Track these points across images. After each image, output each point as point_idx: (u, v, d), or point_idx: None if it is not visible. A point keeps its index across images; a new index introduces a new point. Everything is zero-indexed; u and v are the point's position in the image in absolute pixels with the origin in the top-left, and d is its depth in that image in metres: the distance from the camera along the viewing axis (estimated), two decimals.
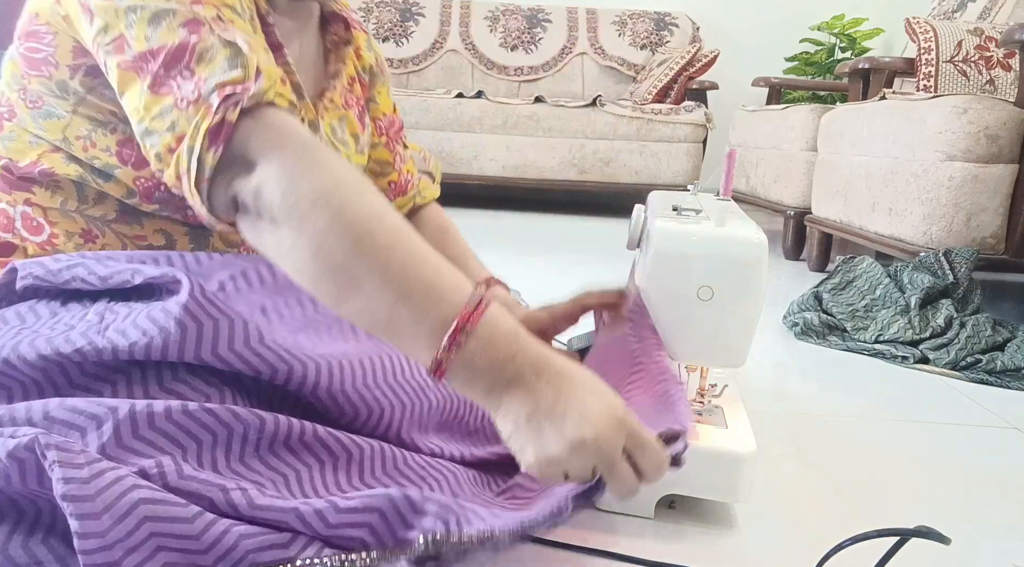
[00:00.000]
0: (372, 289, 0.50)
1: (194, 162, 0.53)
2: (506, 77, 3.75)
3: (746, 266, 0.74)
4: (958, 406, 1.17)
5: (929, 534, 0.57)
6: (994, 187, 1.60)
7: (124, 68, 0.56)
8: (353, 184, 0.52)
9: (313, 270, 0.51)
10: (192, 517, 0.47)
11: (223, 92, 0.53)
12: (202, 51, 0.55)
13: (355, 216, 0.50)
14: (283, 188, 0.51)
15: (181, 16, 0.56)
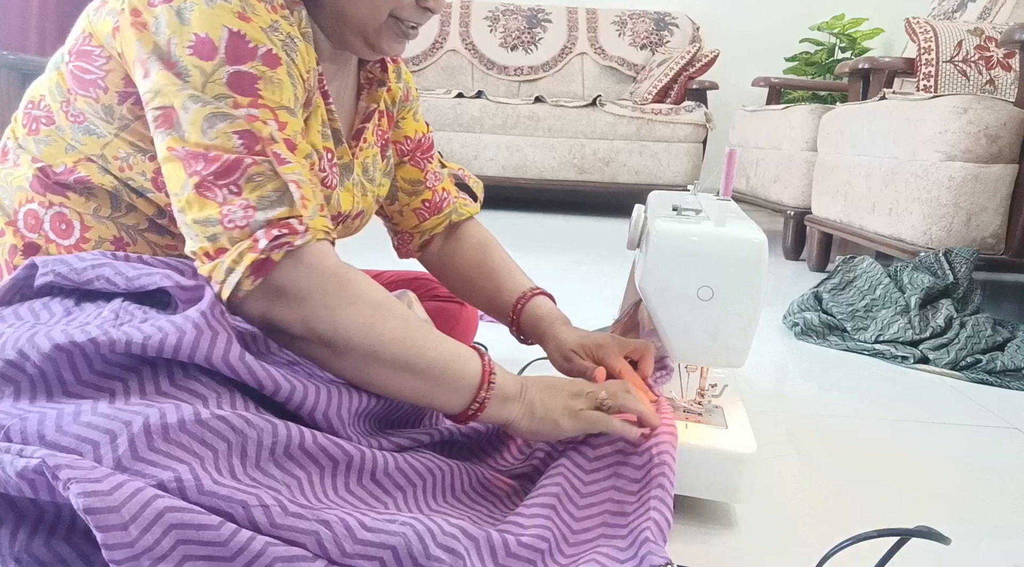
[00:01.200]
0: (410, 382, 0.66)
1: (232, 281, 0.60)
2: (506, 77, 3.75)
3: (746, 266, 0.74)
4: (958, 406, 1.17)
5: (929, 534, 0.57)
6: (994, 187, 1.60)
7: (173, 151, 0.60)
8: (381, 310, 0.65)
9: (358, 373, 0.66)
10: (218, 524, 0.48)
11: (271, 232, 0.60)
12: (253, 174, 0.60)
13: (391, 338, 0.64)
14: (329, 324, 0.62)
15: (238, 125, 0.60)
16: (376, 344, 0.64)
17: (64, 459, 0.46)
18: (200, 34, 0.61)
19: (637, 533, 0.64)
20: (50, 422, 0.51)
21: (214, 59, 0.61)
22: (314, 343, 0.63)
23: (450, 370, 0.67)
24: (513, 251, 1.02)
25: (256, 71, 0.62)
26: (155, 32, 0.61)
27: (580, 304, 0.95)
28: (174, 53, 0.60)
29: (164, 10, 0.61)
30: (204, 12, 0.61)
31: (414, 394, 0.67)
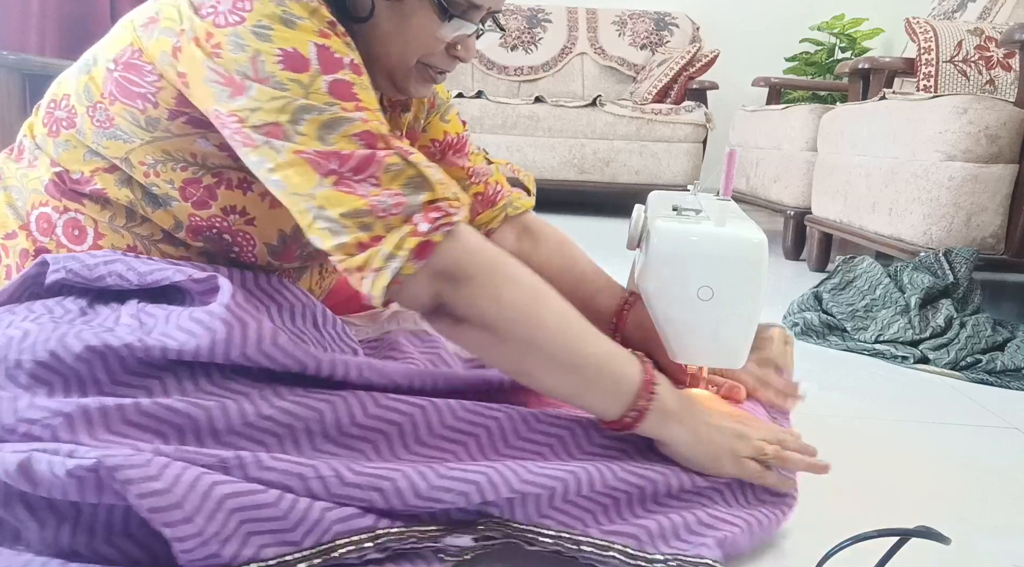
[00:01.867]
0: (566, 376, 0.64)
1: (393, 267, 0.59)
2: (506, 77, 3.75)
3: (746, 266, 0.74)
4: (958, 406, 1.17)
5: (929, 534, 0.57)
6: (994, 187, 1.60)
7: (300, 154, 0.60)
8: (540, 293, 0.64)
9: (516, 362, 0.64)
10: (276, 500, 0.51)
11: (428, 215, 0.60)
12: (388, 165, 0.61)
13: (550, 324, 0.63)
14: (492, 304, 0.62)
15: (356, 127, 0.61)
16: (536, 330, 0.63)
17: (119, 458, 0.47)
18: (287, 49, 0.61)
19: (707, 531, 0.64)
20: (98, 418, 0.53)
21: (308, 70, 0.61)
22: (477, 327, 0.63)
23: (608, 369, 0.65)
24: None
25: (349, 78, 0.62)
26: (234, 52, 0.60)
27: None
28: (263, 69, 0.60)
29: (240, 31, 0.61)
30: (285, 31, 0.61)
31: (568, 390, 0.65)
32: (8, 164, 0.74)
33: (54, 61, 2.51)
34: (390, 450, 0.63)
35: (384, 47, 0.72)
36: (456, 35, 0.72)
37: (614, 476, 0.65)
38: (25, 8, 2.84)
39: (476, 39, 0.76)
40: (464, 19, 0.71)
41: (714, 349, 0.77)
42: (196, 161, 0.68)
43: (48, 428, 0.52)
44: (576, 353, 0.64)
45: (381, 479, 0.57)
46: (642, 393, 0.65)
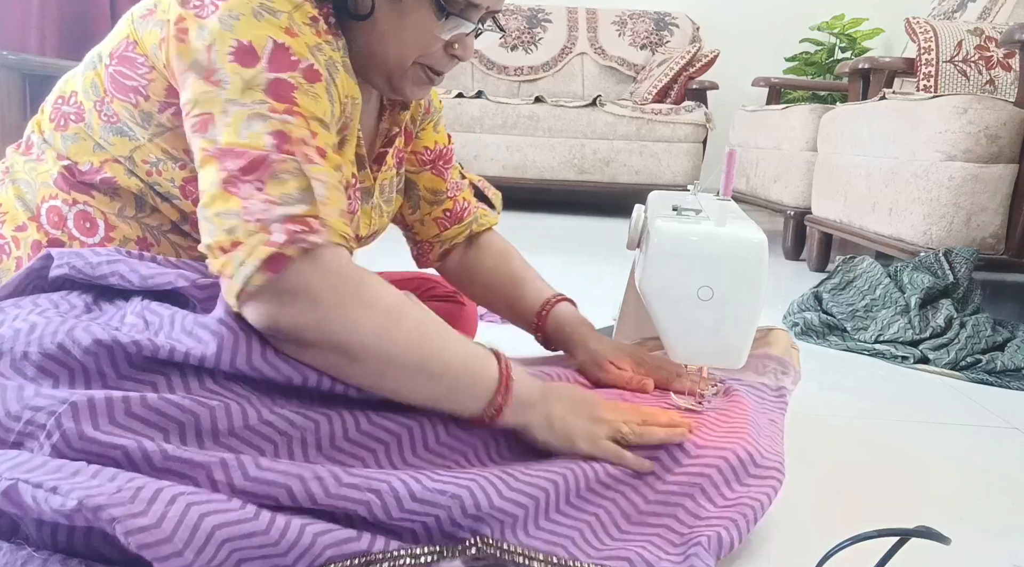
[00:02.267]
0: (426, 387, 0.65)
1: (244, 273, 0.57)
2: (506, 77, 3.75)
3: (746, 266, 0.74)
4: (958, 406, 1.17)
5: (929, 534, 0.57)
6: (994, 187, 1.60)
7: (207, 152, 0.60)
8: (395, 314, 0.63)
9: (374, 379, 0.63)
10: (267, 527, 0.51)
11: (287, 228, 0.58)
12: (279, 171, 0.59)
13: (406, 342, 0.63)
14: (345, 329, 0.60)
15: (273, 125, 0.60)
16: (391, 348, 0.62)
17: (101, 497, 0.46)
18: (243, 41, 0.61)
19: (694, 537, 0.65)
20: (102, 409, 0.53)
21: (255, 66, 0.61)
22: (327, 350, 0.61)
23: (466, 374, 0.66)
24: None
25: (295, 81, 0.62)
26: (196, 41, 0.61)
27: (580, 304, 0.96)
28: (215, 60, 0.61)
29: (208, 24, 0.62)
30: (251, 22, 0.62)
31: (430, 398, 0.66)
32: (16, 158, 0.75)
33: (54, 61, 2.51)
34: (382, 463, 0.63)
35: (382, 45, 0.72)
36: (454, 34, 0.72)
37: (587, 485, 0.67)
38: (25, 8, 2.84)
39: (475, 38, 0.76)
40: (462, 18, 0.71)
41: (714, 349, 0.77)
42: (191, 158, 0.68)
43: (52, 415, 0.52)
44: (434, 363, 0.64)
45: (378, 481, 0.57)
46: (499, 390, 0.67)
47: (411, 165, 0.93)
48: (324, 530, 0.53)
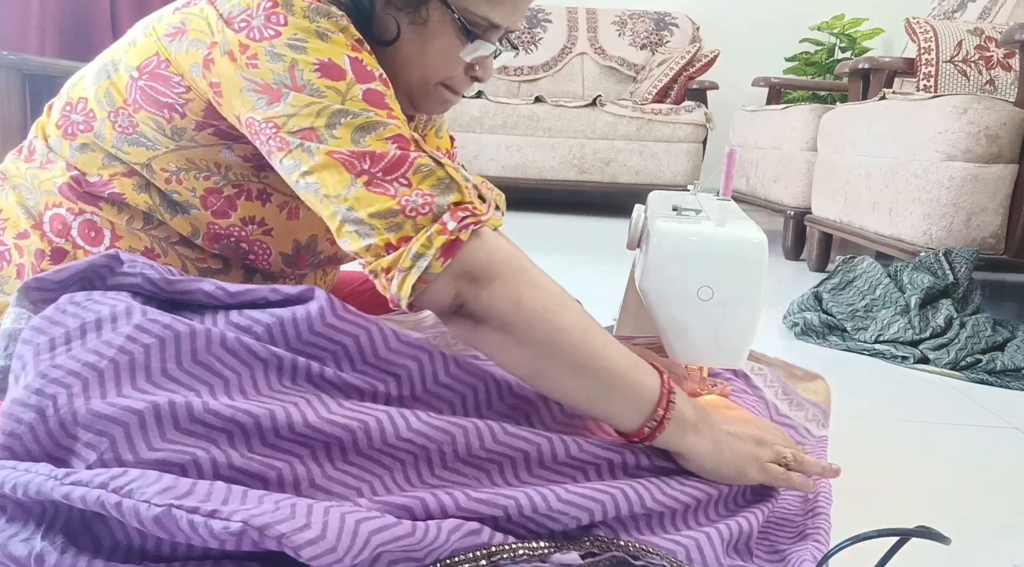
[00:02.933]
0: (584, 383, 0.63)
1: (421, 265, 0.60)
2: (506, 77, 3.75)
3: (746, 266, 0.74)
4: (958, 406, 1.17)
5: (929, 534, 0.57)
6: (994, 187, 1.60)
7: (333, 156, 0.61)
8: (561, 298, 0.64)
9: (534, 367, 0.63)
10: (412, 530, 0.52)
11: (456, 215, 0.61)
12: (419, 166, 0.62)
13: (570, 328, 0.63)
14: (512, 305, 0.62)
15: (390, 131, 0.62)
16: (555, 333, 0.62)
17: (265, 516, 0.46)
18: (323, 59, 0.62)
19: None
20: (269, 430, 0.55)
21: (344, 79, 0.62)
22: (496, 329, 0.62)
23: (627, 377, 0.64)
24: None
25: (381, 89, 0.64)
26: (272, 62, 0.62)
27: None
28: (301, 77, 0.62)
29: (276, 43, 0.62)
30: (319, 44, 0.63)
31: (586, 396, 0.64)
32: (17, 164, 0.74)
33: (54, 61, 2.51)
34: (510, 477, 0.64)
35: (406, 69, 0.72)
36: (476, 56, 0.73)
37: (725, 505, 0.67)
38: (25, 8, 2.84)
39: (494, 59, 0.76)
40: (484, 39, 0.72)
41: (714, 349, 0.77)
42: (219, 171, 0.69)
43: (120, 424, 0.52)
44: (595, 358, 0.63)
45: (506, 497, 0.57)
46: (661, 402, 0.64)
47: None
48: (454, 527, 0.54)
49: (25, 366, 0.54)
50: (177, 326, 0.57)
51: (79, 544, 0.49)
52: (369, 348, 0.66)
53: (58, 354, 0.54)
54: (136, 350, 0.55)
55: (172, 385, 0.55)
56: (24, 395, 0.51)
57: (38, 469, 0.48)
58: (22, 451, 0.51)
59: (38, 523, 0.49)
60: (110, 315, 0.56)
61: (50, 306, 0.58)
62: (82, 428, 0.51)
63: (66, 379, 0.52)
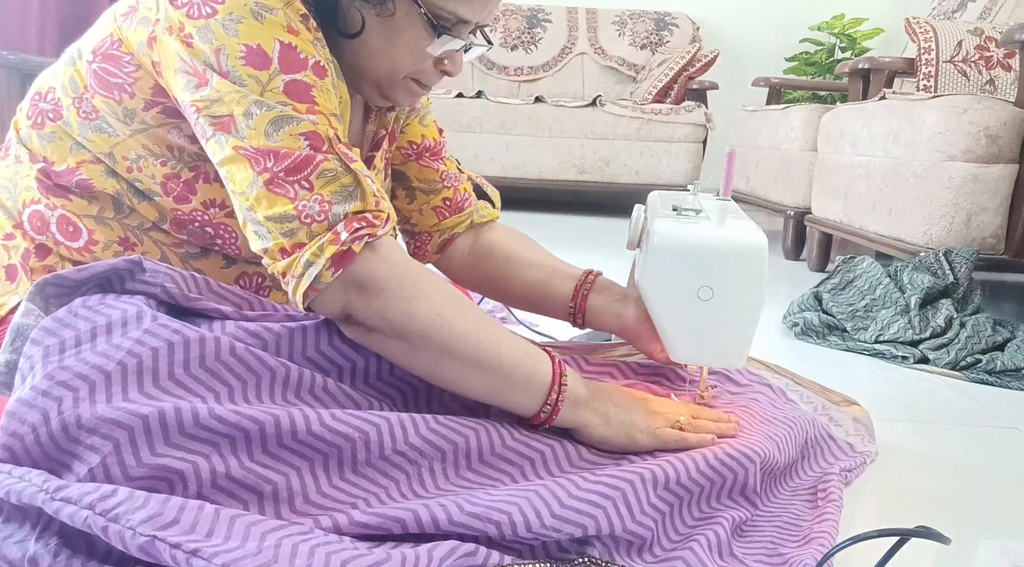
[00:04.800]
0: (482, 379, 0.66)
1: (311, 274, 0.61)
2: (506, 77, 3.75)
3: (746, 266, 0.74)
4: (958, 406, 1.17)
5: (929, 534, 0.57)
6: (994, 187, 1.60)
7: (238, 151, 0.61)
8: (453, 303, 0.65)
9: (432, 369, 0.66)
10: (401, 563, 0.51)
11: (351, 225, 0.61)
12: (324, 170, 0.62)
13: (464, 331, 0.64)
14: (404, 316, 0.63)
15: (304, 127, 0.62)
16: (450, 337, 0.64)
17: (246, 561, 0.45)
18: (251, 45, 0.62)
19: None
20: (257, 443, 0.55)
21: (268, 68, 0.62)
22: (390, 337, 0.64)
23: (521, 368, 0.66)
24: None
25: (309, 80, 0.63)
26: (203, 44, 0.62)
27: None
28: (226, 63, 0.61)
29: (210, 23, 0.62)
30: (253, 25, 0.62)
31: (485, 391, 0.67)
32: None
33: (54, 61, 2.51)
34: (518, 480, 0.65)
35: (373, 62, 0.72)
36: (444, 50, 0.72)
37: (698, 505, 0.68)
38: (25, 8, 2.83)
39: (465, 54, 0.76)
40: (452, 34, 0.71)
41: (714, 349, 0.77)
42: (174, 155, 0.69)
43: (125, 428, 0.51)
44: (491, 357, 0.65)
45: (500, 512, 0.57)
46: (553, 386, 0.67)
47: (395, 159, 0.92)
48: (447, 551, 0.53)
49: (33, 367, 0.54)
50: (187, 331, 0.57)
51: (73, 547, 0.49)
52: (374, 369, 0.67)
53: (67, 356, 0.54)
54: (144, 353, 0.55)
55: (179, 390, 0.55)
56: (30, 396, 0.52)
57: (31, 478, 0.48)
58: (22, 452, 0.51)
59: (33, 525, 0.49)
60: (121, 319, 0.57)
61: (62, 308, 0.58)
62: (86, 432, 0.51)
63: (73, 382, 0.52)
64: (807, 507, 0.73)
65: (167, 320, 0.58)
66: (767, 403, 0.85)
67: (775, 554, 0.65)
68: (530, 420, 0.69)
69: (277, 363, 0.61)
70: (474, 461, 0.64)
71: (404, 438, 0.60)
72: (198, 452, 0.53)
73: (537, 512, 0.57)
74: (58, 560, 0.47)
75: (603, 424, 0.69)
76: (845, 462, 0.85)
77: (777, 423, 0.79)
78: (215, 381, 0.57)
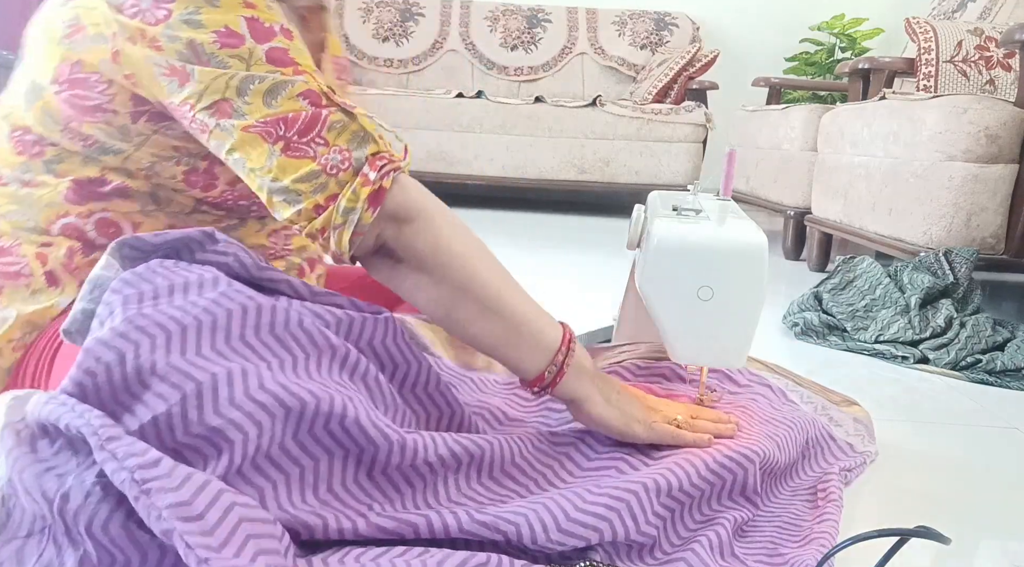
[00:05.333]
0: (493, 326, 0.67)
1: (354, 218, 0.63)
2: (506, 77, 3.75)
3: (746, 266, 0.74)
4: (958, 406, 1.17)
5: (929, 534, 0.57)
6: (994, 187, 1.60)
7: (248, 130, 0.62)
8: (477, 243, 0.67)
9: (447, 307, 0.67)
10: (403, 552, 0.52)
11: (375, 164, 0.64)
12: (332, 122, 0.63)
13: (483, 271, 0.66)
14: (431, 244, 0.65)
15: (299, 88, 0.63)
16: (470, 277, 0.66)
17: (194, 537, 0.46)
18: (220, 29, 0.62)
19: None
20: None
21: (245, 44, 0.62)
22: (413, 268, 0.66)
23: (534, 323, 0.67)
24: (513, 251, 1.02)
25: (283, 44, 0.64)
26: (172, 42, 0.62)
27: (579, 304, 0.97)
28: (204, 52, 0.62)
29: (170, 24, 0.62)
30: (212, 12, 0.62)
31: (493, 341, 0.67)
32: None
33: None
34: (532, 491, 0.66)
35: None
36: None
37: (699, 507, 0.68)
38: (25, 8, 2.84)
39: None
40: None
41: (714, 349, 0.77)
42: (182, 153, 0.70)
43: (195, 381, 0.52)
44: (505, 304, 0.67)
45: (507, 523, 0.57)
46: (561, 349, 0.68)
47: None
48: (460, 562, 0.53)
49: (113, 312, 0.55)
50: (260, 299, 0.59)
51: (107, 490, 0.48)
52: (424, 379, 0.69)
53: (145, 306, 0.55)
54: (219, 313, 0.56)
55: (247, 351, 0.56)
56: (109, 336, 0.52)
57: (91, 418, 0.49)
58: (92, 389, 0.51)
59: (79, 463, 0.50)
60: (198, 281, 0.58)
61: (141, 265, 0.59)
62: (158, 378, 0.52)
63: (151, 329, 0.53)
64: (807, 507, 0.74)
65: (241, 287, 0.59)
66: (767, 404, 0.85)
67: (776, 554, 0.65)
68: (533, 383, 0.69)
69: (339, 342, 0.61)
70: (486, 475, 0.65)
71: (435, 450, 0.61)
72: (252, 418, 0.53)
73: (544, 525, 0.58)
74: (88, 501, 0.47)
75: (604, 403, 0.70)
76: (845, 462, 0.85)
77: (777, 423, 0.79)
78: (282, 349, 0.58)
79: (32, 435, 0.52)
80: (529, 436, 0.70)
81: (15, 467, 0.50)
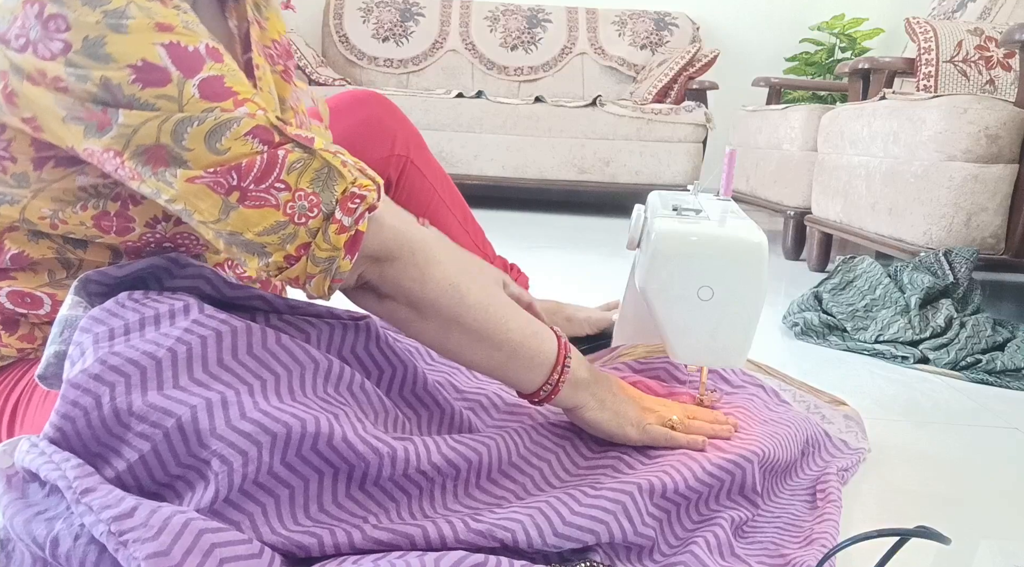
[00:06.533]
0: (487, 353, 0.66)
1: (331, 268, 0.59)
2: (506, 77, 3.75)
3: (746, 266, 0.74)
4: (958, 406, 1.17)
5: (929, 534, 0.57)
6: (994, 187, 1.60)
7: (193, 182, 0.54)
8: (465, 271, 0.65)
9: (441, 339, 0.65)
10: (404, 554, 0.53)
11: (346, 206, 0.58)
12: (291, 164, 0.56)
13: (473, 304, 0.65)
14: (418, 281, 0.63)
15: (244, 125, 0.55)
16: (459, 307, 0.64)
17: None
18: (135, 63, 0.53)
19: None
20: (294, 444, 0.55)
21: (171, 80, 0.53)
22: (401, 305, 0.64)
23: (527, 345, 0.67)
24: (513, 251, 1.02)
25: (215, 71, 0.55)
26: (79, 83, 0.52)
27: (580, 304, 0.98)
28: (121, 93, 0.53)
29: (70, 59, 0.52)
30: (119, 40, 0.52)
31: (489, 365, 0.67)
32: None
33: None
34: (529, 492, 0.67)
35: None
36: None
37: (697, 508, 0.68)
38: None
39: None
40: None
41: (714, 349, 0.77)
42: (89, 194, 0.61)
43: (174, 416, 0.52)
44: (498, 330, 0.65)
45: (503, 530, 0.57)
46: (557, 366, 0.68)
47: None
48: (455, 562, 0.53)
49: (84, 352, 0.54)
50: (233, 322, 0.57)
51: None
52: (411, 381, 0.69)
53: (117, 343, 0.54)
54: (194, 341, 0.55)
55: (227, 376, 0.55)
56: (83, 379, 0.51)
57: (66, 469, 0.49)
58: (72, 434, 0.51)
59: (68, 506, 0.50)
60: (168, 311, 0.57)
61: (110, 300, 0.58)
62: (136, 419, 0.51)
63: (125, 367, 0.52)
64: (807, 507, 0.74)
65: (214, 311, 0.58)
66: (763, 404, 0.85)
67: (777, 555, 0.65)
68: (529, 397, 0.69)
69: (321, 355, 0.61)
70: (483, 478, 0.65)
71: (428, 458, 0.61)
72: (236, 447, 0.52)
73: (540, 530, 0.58)
74: (78, 544, 0.47)
75: (598, 408, 0.71)
76: (841, 461, 0.85)
77: (776, 423, 0.79)
78: (262, 369, 0.57)
79: (23, 480, 0.51)
80: (525, 429, 0.71)
81: (7, 513, 0.50)
